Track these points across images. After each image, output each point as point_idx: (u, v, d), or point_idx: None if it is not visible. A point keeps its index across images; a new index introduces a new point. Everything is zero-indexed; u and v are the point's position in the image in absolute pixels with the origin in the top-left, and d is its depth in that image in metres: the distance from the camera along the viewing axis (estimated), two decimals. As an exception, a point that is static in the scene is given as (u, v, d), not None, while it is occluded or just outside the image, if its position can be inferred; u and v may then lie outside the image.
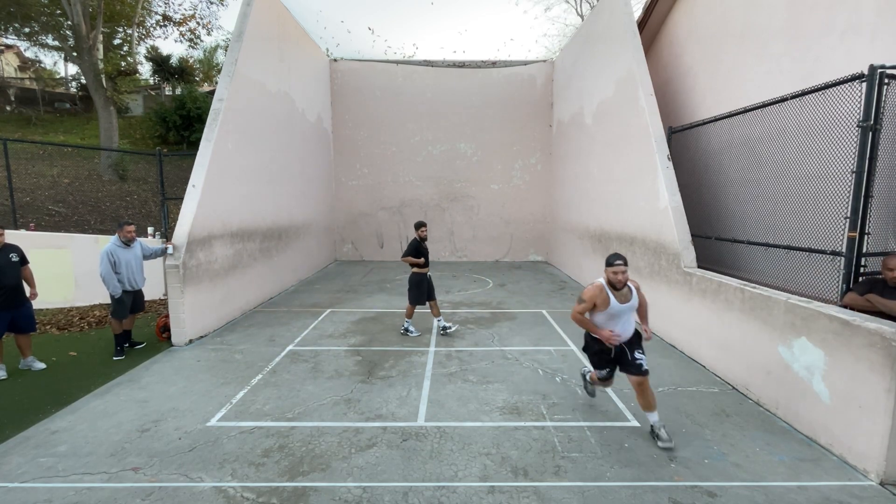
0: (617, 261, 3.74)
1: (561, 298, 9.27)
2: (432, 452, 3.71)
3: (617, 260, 3.74)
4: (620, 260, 3.74)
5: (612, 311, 3.80)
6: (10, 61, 26.34)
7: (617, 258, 3.74)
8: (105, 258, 5.78)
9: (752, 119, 5.73)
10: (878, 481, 3.31)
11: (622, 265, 3.73)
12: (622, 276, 3.73)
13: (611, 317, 3.83)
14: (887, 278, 3.73)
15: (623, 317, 3.85)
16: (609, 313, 3.82)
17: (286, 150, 10.33)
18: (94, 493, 3.21)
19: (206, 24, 22.62)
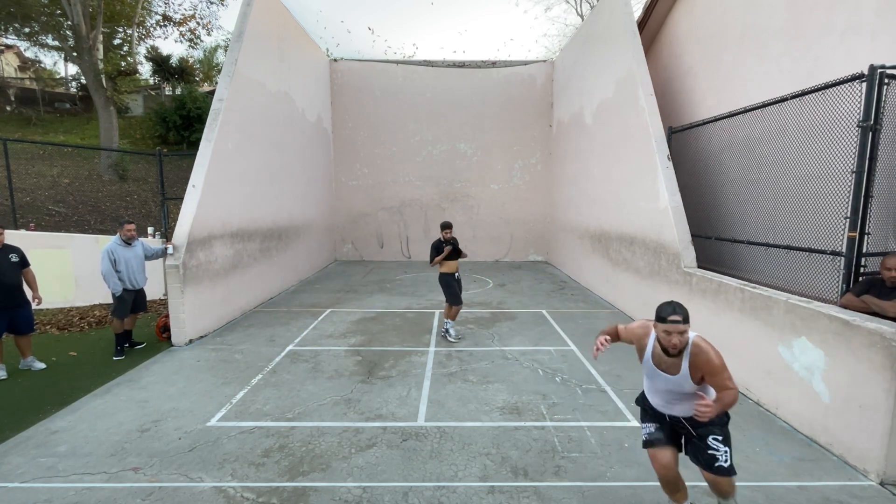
0: (673, 315, 2.39)
1: (561, 298, 9.27)
2: (432, 452, 3.71)
3: (673, 314, 2.39)
4: (678, 314, 2.39)
5: (646, 371, 2.72)
6: (10, 61, 26.34)
7: (673, 311, 2.40)
8: (105, 256, 5.84)
9: (752, 119, 5.73)
10: (878, 481, 3.31)
11: (679, 322, 2.38)
12: (676, 340, 2.40)
13: (647, 376, 2.74)
14: (885, 278, 3.72)
15: (664, 389, 2.64)
16: (644, 370, 2.73)
17: (286, 150, 10.33)
18: (94, 493, 3.21)
19: (206, 24, 22.67)
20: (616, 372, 5.38)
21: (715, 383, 2.48)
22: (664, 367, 2.57)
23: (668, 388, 2.61)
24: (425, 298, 9.16)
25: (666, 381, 2.59)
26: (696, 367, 2.48)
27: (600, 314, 8.05)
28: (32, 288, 5.55)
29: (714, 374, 2.45)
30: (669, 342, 2.42)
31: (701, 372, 2.48)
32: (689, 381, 2.52)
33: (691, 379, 2.51)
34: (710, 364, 2.45)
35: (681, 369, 2.51)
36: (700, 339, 2.50)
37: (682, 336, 2.41)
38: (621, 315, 7.95)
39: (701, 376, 2.49)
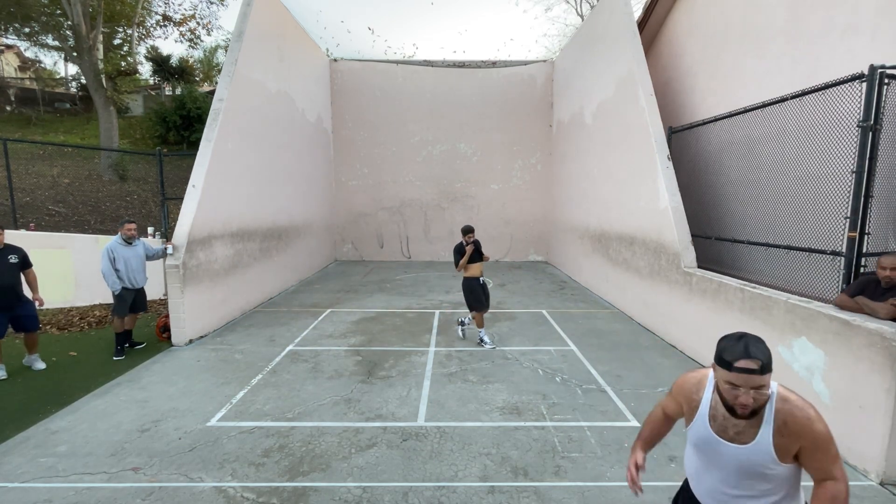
0: (744, 360, 1.52)
1: (561, 298, 9.27)
2: (432, 452, 3.71)
3: (745, 358, 1.52)
4: (753, 359, 1.52)
5: (695, 437, 1.78)
6: (10, 61, 26.34)
7: (745, 352, 1.53)
8: (106, 255, 5.88)
9: (752, 119, 5.73)
10: (878, 481, 3.31)
11: (754, 371, 1.51)
12: (746, 399, 1.54)
13: (697, 448, 1.80)
14: (880, 277, 3.72)
15: (725, 471, 1.71)
16: (692, 437, 1.80)
17: (286, 150, 10.33)
18: (94, 493, 3.21)
19: (206, 24, 22.64)
20: (616, 372, 5.38)
21: (816, 466, 1.59)
22: (729, 433, 1.66)
23: (732, 469, 1.67)
24: (425, 298, 9.16)
25: (730, 456, 1.66)
26: (788, 435, 1.58)
27: (600, 314, 8.05)
28: (33, 289, 5.54)
29: (817, 451, 1.57)
30: (736, 400, 1.56)
31: (795, 443, 1.58)
32: (771, 455, 1.60)
33: (775, 454, 1.59)
34: (813, 432, 1.56)
35: (757, 436, 1.61)
36: (788, 392, 1.64)
37: (760, 393, 1.53)
38: (621, 315, 7.96)
39: (794, 451, 1.59)
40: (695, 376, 1.91)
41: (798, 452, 1.60)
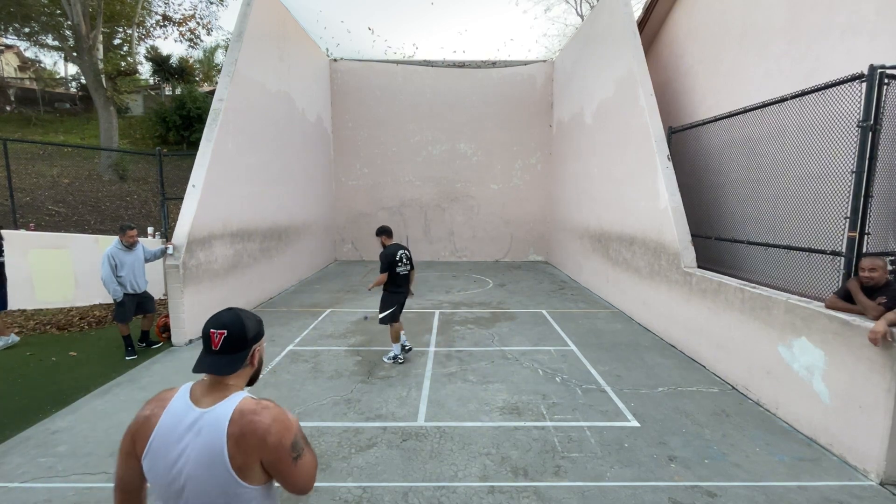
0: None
1: (561, 298, 9.27)
2: (432, 452, 3.71)
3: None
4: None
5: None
6: (10, 61, 26.33)
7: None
8: (106, 261, 5.73)
9: (752, 119, 5.73)
10: (878, 481, 3.31)
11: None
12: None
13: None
14: (862, 279, 3.74)
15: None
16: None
17: (286, 150, 10.33)
18: (94, 493, 3.21)
19: (206, 24, 22.62)
20: (616, 372, 5.38)
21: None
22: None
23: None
24: (425, 298, 9.16)
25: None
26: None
27: (600, 314, 8.05)
28: None
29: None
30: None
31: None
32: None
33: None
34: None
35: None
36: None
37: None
38: (621, 315, 7.95)
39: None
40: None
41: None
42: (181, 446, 1.34)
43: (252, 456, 1.34)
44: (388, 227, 5.89)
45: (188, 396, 1.41)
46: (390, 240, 5.83)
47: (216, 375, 1.43)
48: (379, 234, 5.83)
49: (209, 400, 1.39)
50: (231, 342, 1.42)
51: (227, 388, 1.43)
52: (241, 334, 1.44)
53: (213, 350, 1.42)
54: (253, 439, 1.33)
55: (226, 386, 1.43)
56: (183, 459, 1.33)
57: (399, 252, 5.67)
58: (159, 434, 1.36)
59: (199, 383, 1.45)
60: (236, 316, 1.46)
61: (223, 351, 1.42)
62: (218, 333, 1.42)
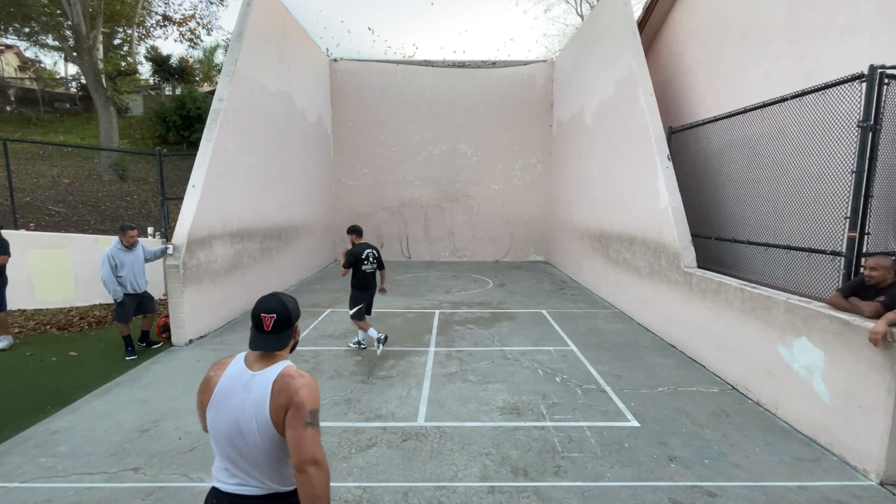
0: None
1: (561, 298, 9.27)
2: (432, 452, 3.71)
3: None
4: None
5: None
6: (10, 61, 26.33)
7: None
8: (106, 262, 5.72)
9: (752, 119, 5.73)
10: (878, 481, 3.31)
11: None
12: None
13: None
14: (865, 277, 3.74)
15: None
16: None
17: (286, 150, 10.33)
18: (94, 493, 3.21)
19: (206, 24, 22.63)
20: (616, 372, 5.38)
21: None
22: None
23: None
24: (425, 298, 9.16)
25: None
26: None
27: (600, 314, 8.05)
28: None
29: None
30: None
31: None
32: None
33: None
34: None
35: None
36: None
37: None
38: (621, 315, 7.96)
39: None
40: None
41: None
42: (237, 400, 1.68)
43: (282, 408, 1.64)
44: (359, 227, 6.26)
45: (243, 362, 1.76)
46: (360, 239, 6.15)
47: (270, 352, 1.76)
48: (350, 232, 6.19)
49: (260, 365, 1.74)
50: (279, 323, 1.76)
51: (274, 357, 1.78)
52: (286, 316, 1.78)
53: (264, 331, 1.75)
54: (286, 394, 1.65)
55: (274, 356, 1.78)
56: (238, 410, 1.67)
57: (366, 251, 5.98)
58: (219, 391, 1.71)
59: (251, 353, 1.78)
60: (280, 301, 1.79)
61: (274, 331, 1.76)
62: (268, 317, 1.74)
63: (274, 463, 1.70)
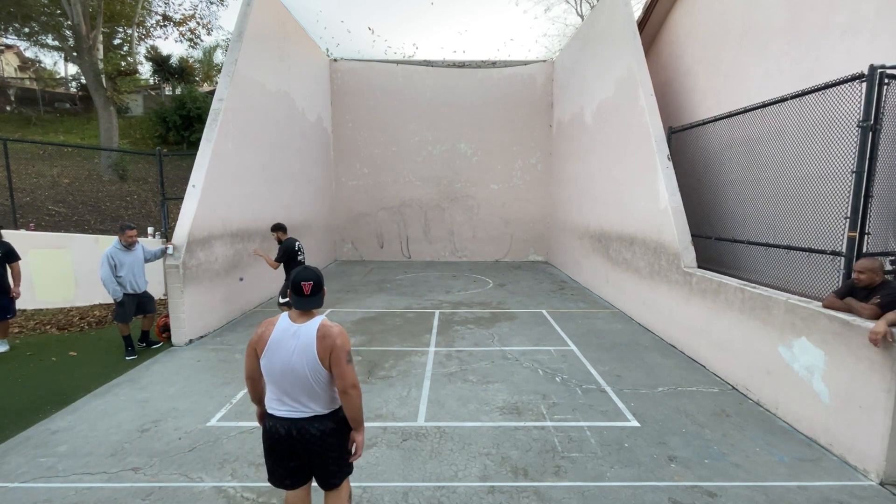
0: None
1: (561, 298, 9.27)
2: (432, 452, 3.71)
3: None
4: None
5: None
6: (10, 61, 26.33)
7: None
8: (105, 261, 5.72)
9: (752, 119, 5.73)
10: (878, 481, 3.31)
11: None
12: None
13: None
14: (854, 280, 3.77)
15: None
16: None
17: (286, 150, 10.33)
18: (94, 493, 3.21)
19: (206, 24, 22.64)
20: (616, 372, 5.38)
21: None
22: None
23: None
24: (425, 298, 9.16)
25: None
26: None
27: (600, 314, 8.05)
28: (15, 282, 5.98)
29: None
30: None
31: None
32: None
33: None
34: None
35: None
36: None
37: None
38: (621, 315, 7.96)
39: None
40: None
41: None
42: (290, 345, 2.26)
43: (327, 350, 2.25)
44: (283, 224, 6.81)
45: (288, 319, 2.33)
46: (285, 235, 6.62)
47: (310, 310, 2.36)
48: (276, 230, 6.66)
49: (302, 320, 2.33)
50: (315, 288, 2.35)
51: (312, 314, 2.37)
52: (319, 282, 2.38)
53: (305, 294, 2.33)
54: (328, 339, 2.26)
55: (311, 313, 2.37)
56: (291, 352, 2.25)
57: (296, 243, 6.57)
58: (273, 340, 2.28)
59: (293, 312, 2.35)
60: (314, 272, 2.40)
61: (312, 294, 2.34)
62: (307, 284, 2.33)
63: (315, 390, 2.28)
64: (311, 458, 2.34)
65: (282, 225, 6.73)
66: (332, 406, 2.35)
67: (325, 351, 2.25)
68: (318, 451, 2.32)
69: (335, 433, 2.34)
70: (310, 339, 2.26)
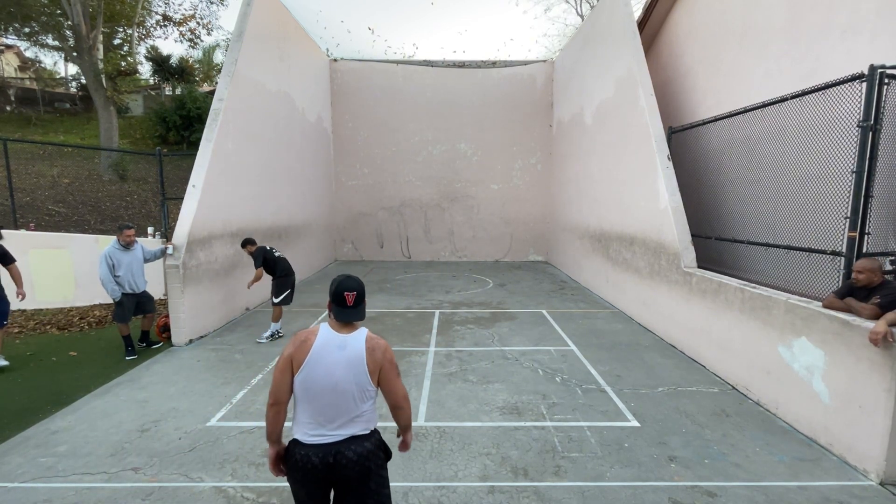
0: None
1: (561, 298, 9.27)
2: (432, 452, 3.71)
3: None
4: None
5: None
6: (10, 61, 26.32)
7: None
8: (104, 261, 5.72)
9: (752, 119, 5.73)
10: (878, 481, 3.31)
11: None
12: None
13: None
14: (852, 280, 3.77)
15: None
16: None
17: (286, 150, 10.33)
18: (94, 493, 3.21)
19: (206, 24, 22.57)
20: (616, 372, 5.38)
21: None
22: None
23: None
24: (425, 298, 9.16)
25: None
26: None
27: (600, 314, 8.05)
28: (17, 283, 5.60)
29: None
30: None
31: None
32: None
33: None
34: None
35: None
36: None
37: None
38: (621, 315, 7.95)
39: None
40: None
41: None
42: (334, 358, 2.05)
43: (378, 363, 2.10)
44: (250, 237, 6.77)
45: (331, 330, 2.12)
46: (254, 246, 6.61)
47: (353, 322, 2.14)
48: (244, 245, 6.64)
49: (347, 331, 2.12)
50: (359, 299, 2.14)
51: (355, 326, 2.16)
52: (363, 293, 2.18)
53: (348, 305, 2.11)
54: (379, 352, 2.11)
55: (354, 325, 2.16)
56: (335, 365, 2.05)
57: (267, 245, 6.80)
58: (315, 351, 2.05)
59: (334, 323, 2.14)
60: (357, 281, 2.18)
61: (355, 305, 2.13)
62: (351, 295, 2.12)
63: (357, 408, 2.09)
64: (347, 487, 2.10)
65: (249, 239, 6.72)
66: (368, 426, 2.16)
67: (376, 365, 2.10)
68: (355, 477, 2.07)
69: (373, 457, 2.12)
70: (359, 352, 2.07)
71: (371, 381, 2.11)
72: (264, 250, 6.55)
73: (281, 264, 6.62)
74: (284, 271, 6.64)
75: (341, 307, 2.12)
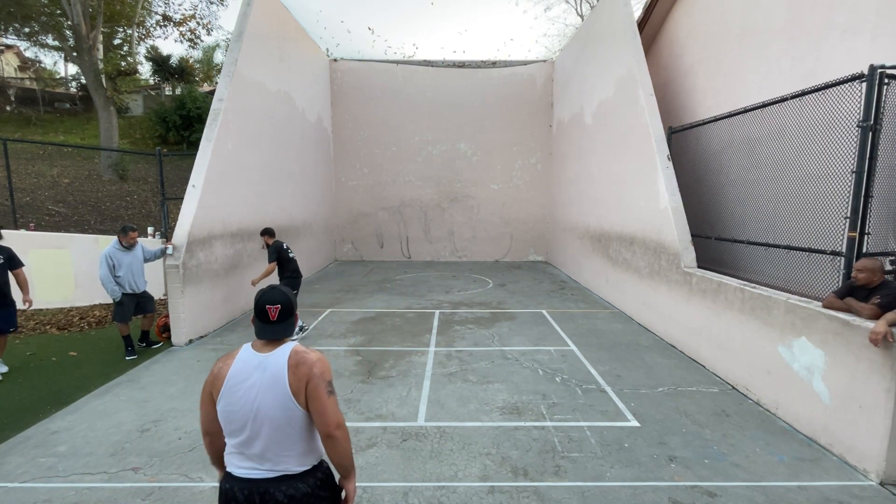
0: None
1: (561, 298, 9.27)
2: (432, 452, 3.71)
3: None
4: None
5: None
6: (10, 61, 26.32)
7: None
8: (104, 261, 5.71)
9: (752, 119, 5.73)
10: (878, 481, 3.31)
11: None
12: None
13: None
14: (852, 279, 3.78)
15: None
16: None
17: (286, 150, 10.33)
18: (94, 493, 3.21)
19: (206, 24, 22.56)
20: (616, 372, 5.38)
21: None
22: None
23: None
24: (425, 298, 9.16)
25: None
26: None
27: (600, 314, 8.05)
28: (23, 290, 5.41)
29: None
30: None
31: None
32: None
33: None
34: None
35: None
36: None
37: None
38: (621, 315, 7.95)
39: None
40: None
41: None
42: (252, 381, 1.76)
43: (302, 381, 1.76)
44: (271, 228, 6.91)
45: (251, 349, 1.85)
46: (272, 238, 6.74)
47: (279, 340, 1.86)
48: (264, 234, 6.77)
49: (269, 349, 1.83)
50: (283, 313, 1.86)
51: (281, 341, 1.87)
52: (289, 306, 1.88)
53: (271, 321, 1.85)
54: (304, 367, 1.77)
55: (280, 340, 1.87)
56: (254, 389, 1.75)
57: (284, 244, 6.76)
58: (231, 376, 1.78)
59: (257, 342, 1.87)
60: (281, 292, 1.90)
61: (279, 320, 1.85)
62: (273, 308, 1.84)
63: (288, 436, 1.78)
64: None
65: (270, 229, 6.85)
66: (307, 461, 1.85)
67: (300, 382, 1.76)
68: None
69: (311, 500, 1.80)
70: (280, 370, 1.77)
71: (296, 402, 1.76)
72: (280, 247, 6.61)
73: (293, 265, 6.70)
74: (294, 272, 6.70)
75: (264, 322, 1.85)
